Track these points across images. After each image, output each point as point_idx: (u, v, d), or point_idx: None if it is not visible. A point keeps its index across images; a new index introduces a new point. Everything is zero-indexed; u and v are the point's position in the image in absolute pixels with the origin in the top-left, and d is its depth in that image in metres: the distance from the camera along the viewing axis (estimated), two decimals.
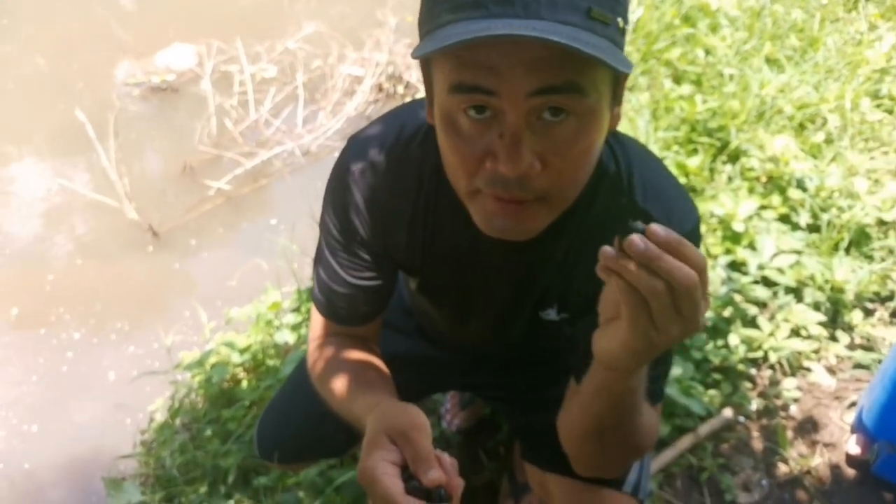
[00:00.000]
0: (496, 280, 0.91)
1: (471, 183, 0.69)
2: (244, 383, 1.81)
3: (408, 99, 3.06)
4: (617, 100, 0.70)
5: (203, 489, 1.63)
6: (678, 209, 0.83)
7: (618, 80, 0.68)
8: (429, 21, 0.64)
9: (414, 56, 0.62)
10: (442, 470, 0.66)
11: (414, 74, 3.18)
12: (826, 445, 1.62)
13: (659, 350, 0.62)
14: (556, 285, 0.89)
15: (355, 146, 0.87)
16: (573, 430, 0.86)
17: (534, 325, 0.96)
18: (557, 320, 0.93)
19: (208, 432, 1.73)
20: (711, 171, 2.18)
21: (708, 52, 2.63)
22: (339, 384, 0.92)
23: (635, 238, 0.54)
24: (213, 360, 1.84)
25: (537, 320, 0.94)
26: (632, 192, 0.81)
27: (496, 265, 0.88)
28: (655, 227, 0.54)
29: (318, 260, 0.96)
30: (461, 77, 0.62)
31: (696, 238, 0.85)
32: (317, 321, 1.01)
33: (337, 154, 0.91)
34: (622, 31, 0.64)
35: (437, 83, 0.67)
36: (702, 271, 0.56)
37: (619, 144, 0.83)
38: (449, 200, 0.80)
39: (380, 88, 3.17)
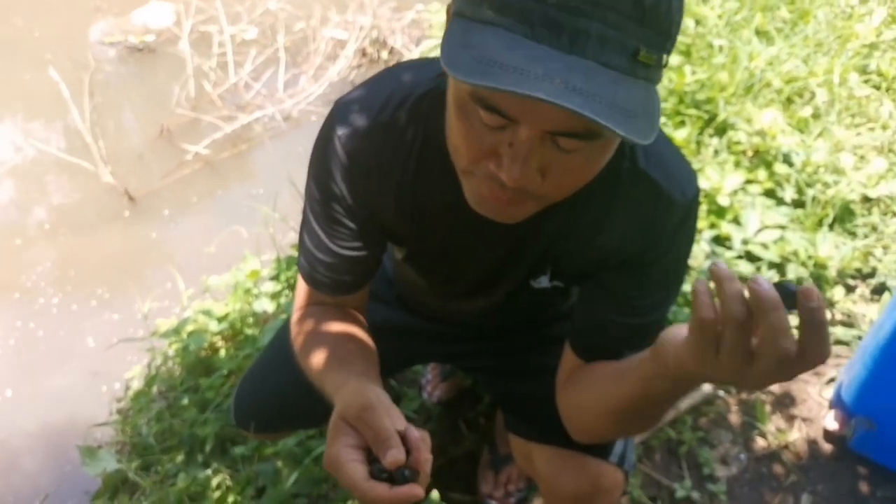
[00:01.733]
0: (487, 248, 0.89)
1: (469, 166, 0.67)
2: (222, 352, 1.78)
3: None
4: None
5: (180, 458, 1.61)
6: (679, 175, 0.82)
7: None
8: (469, 4, 0.59)
9: (444, 65, 0.57)
10: (409, 446, 0.65)
11: (399, 40, 3.11)
12: (804, 420, 1.63)
13: (713, 381, 0.63)
14: (550, 253, 0.87)
15: (341, 110, 0.84)
16: (593, 405, 0.87)
17: (522, 291, 0.94)
18: (549, 287, 0.92)
19: (185, 401, 1.71)
20: (698, 143, 2.16)
21: (698, 22, 2.59)
22: (317, 358, 0.90)
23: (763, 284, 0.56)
24: (190, 328, 1.81)
25: (526, 287, 0.93)
26: (633, 155, 0.79)
27: (488, 234, 0.85)
28: (809, 292, 0.55)
29: (304, 227, 0.93)
30: (484, 95, 0.59)
31: (695, 206, 0.84)
32: (301, 290, 0.98)
33: (319, 119, 0.88)
34: (664, 65, 0.61)
35: None
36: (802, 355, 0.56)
37: None
38: (440, 168, 0.78)
39: (363, 53, 3.10)
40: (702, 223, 1.91)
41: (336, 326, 0.95)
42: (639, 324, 0.88)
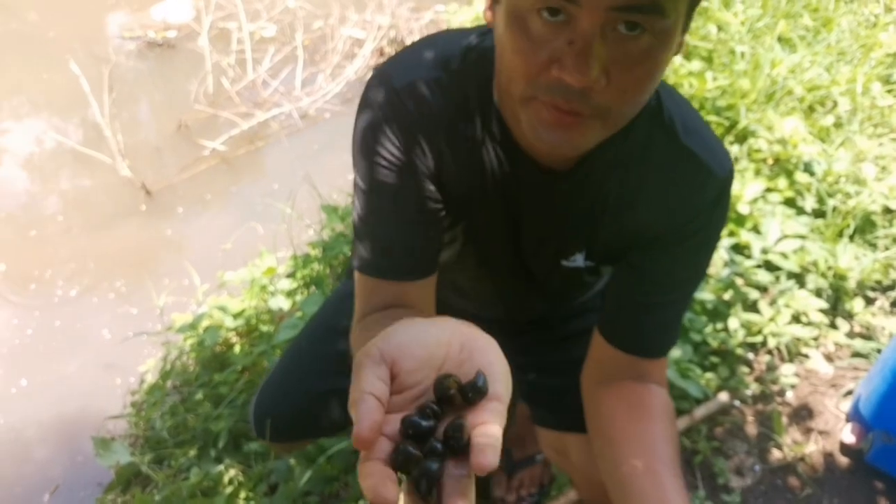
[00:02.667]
0: (532, 214, 0.86)
1: (528, 88, 0.65)
2: (237, 348, 1.78)
3: None
4: (687, 25, 0.67)
5: (193, 452, 1.61)
6: (718, 149, 0.82)
7: (693, 5, 0.65)
8: None
9: None
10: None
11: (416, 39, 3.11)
12: (821, 433, 1.62)
13: None
14: (586, 228, 0.86)
15: (393, 69, 0.80)
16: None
17: (554, 272, 0.93)
18: (582, 267, 0.91)
19: (199, 395, 1.71)
20: None
21: (720, 28, 2.57)
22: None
23: None
24: (205, 323, 1.81)
25: (558, 267, 0.91)
26: (673, 126, 0.79)
27: (535, 198, 0.83)
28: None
29: (362, 212, 0.85)
30: None
31: (731, 183, 0.83)
32: (362, 296, 0.88)
33: (335, 117, 0.86)
34: None
35: None
36: None
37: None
38: (496, 125, 0.78)
39: (381, 52, 3.10)
40: None
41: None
42: (666, 301, 0.88)
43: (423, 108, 0.78)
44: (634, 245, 0.85)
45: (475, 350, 0.51)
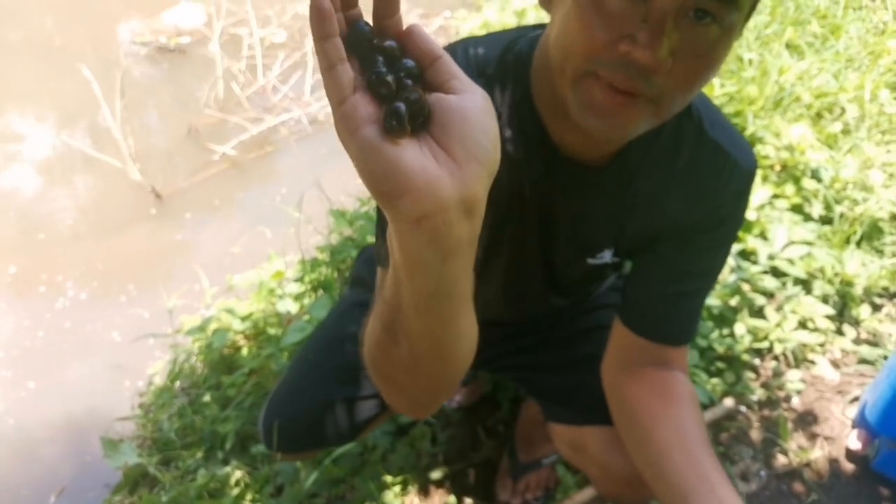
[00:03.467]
0: (567, 214, 0.87)
1: (588, 63, 0.64)
2: (245, 351, 1.80)
3: None
4: (744, 25, 0.68)
5: (200, 454, 1.62)
6: (742, 144, 0.84)
7: (755, 4, 0.66)
8: None
9: None
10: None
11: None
12: (826, 439, 1.61)
13: None
14: (613, 222, 0.88)
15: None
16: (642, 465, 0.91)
17: (578, 270, 0.95)
18: (609, 263, 0.92)
19: (207, 398, 1.72)
20: None
21: None
22: None
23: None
24: (213, 325, 1.83)
25: (583, 265, 0.93)
26: (700, 120, 0.81)
27: (569, 196, 0.84)
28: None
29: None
30: None
31: (754, 175, 0.85)
32: None
33: None
34: None
35: None
36: None
37: None
38: (532, 133, 0.79)
39: None
40: None
41: None
42: (690, 290, 0.91)
43: None
44: (661, 236, 0.87)
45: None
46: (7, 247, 2.41)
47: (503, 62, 0.79)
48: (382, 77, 0.46)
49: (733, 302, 1.76)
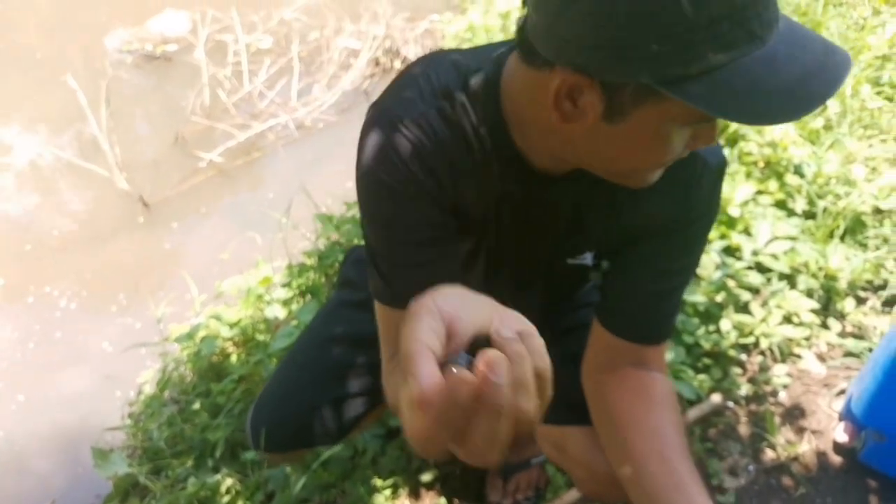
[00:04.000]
0: (546, 224, 0.90)
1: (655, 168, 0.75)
2: (233, 357, 1.80)
3: None
4: None
5: (190, 462, 1.62)
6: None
7: None
8: (684, 58, 0.58)
9: (738, 120, 0.62)
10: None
11: (412, 49, 3.13)
12: (814, 432, 1.63)
13: None
14: (597, 228, 0.90)
15: (392, 103, 0.81)
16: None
17: (561, 272, 0.96)
18: (589, 265, 0.94)
19: (196, 405, 1.72)
20: None
21: None
22: None
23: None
24: (202, 333, 1.83)
25: (563, 266, 0.95)
26: None
27: (548, 209, 0.87)
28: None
29: (379, 250, 0.85)
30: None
31: (724, 170, 0.89)
32: (388, 332, 0.88)
33: (330, 128, 0.87)
34: None
35: (662, 110, 0.64)
36: None
37: None
38: (504, 151, 0.80)
39: (376, 63, 3.12)
40: (712, 233, 1.91)
41: None
42: (667, 289, 0.93)
43: (428, 140, 0.79)
44: (639, 237, 0.89)
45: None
46: None
47: (468, 85, 0.80)
48: None
49: (719, 298, 1.77)
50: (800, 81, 0.60)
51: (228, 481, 1.53)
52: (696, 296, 1.75)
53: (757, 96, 0.59)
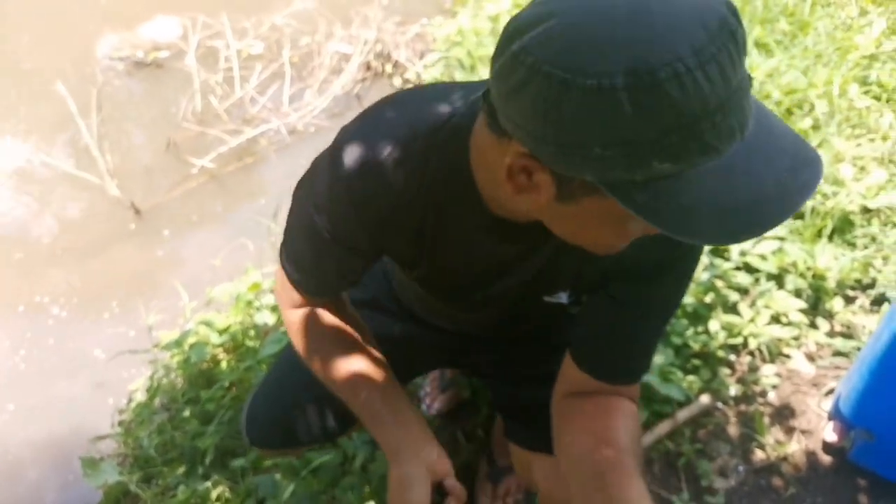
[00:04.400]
0: (509, 274, 0.89)
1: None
2: (223, 364, 1.80)
3: (396, 79, 3.03)
4: None
5: (181, 470, 1.62)
6: None
7: None
8: (629, 164, 0.55)
9: (700, 238, 0.58)
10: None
11: (403, 53, 3.13)
12: (803, 432, 1.63)
13: None
14: (571, 270, 0.87)
15: (356, 140, 0.79)
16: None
17: (536, 307, 0.94)
18: (566, 303, 0.92)
19: (186, 413, 1.73)
20: None
21: None
22: (340, 379, 0.94)
23: None
24: (191, 340, 1.83)
25: (541, 304, 0.93)
26: None
27: (511, 261, 0.86)
28: None
29: (292, 242, 0.93)
30: None
31: None
32: (288, 290, 0.98)
33: (321, 133, 0.89)
34: None
35: (610, 203, 0.59)
36: None
37: None
38: (465, 194, 0.78)
39: (368, 67, 3.12)
40: None
41: (344, 339, 0.98)
42: (645, 328, 0.90)
43: (374, 195, 0.79)
44: (618, 278, 0.85)
45: None
46: None
47: (435, 136, 0.77)
48: None
49: (707, 299, 1.78)
50: (754, 203, 0.55)
51: (218, 489, 1.53)
52: (684, 297, 1.76)
53: (700, 214, 0.55)
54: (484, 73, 2.76)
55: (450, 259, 0.87)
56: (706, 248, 1.87)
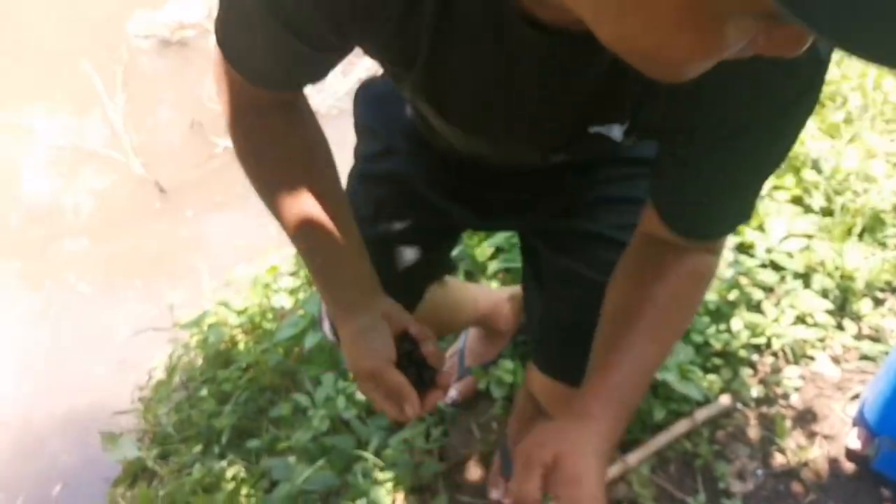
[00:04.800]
0: (562, 90, 0.69)
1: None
2: (241, 345, 1.81)
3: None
4: None
5: (197, 448, 1.64)
6: None
7: None
8: None
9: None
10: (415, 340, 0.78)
11: None
12: (825, 437, 1.60)
13: None
14: (626, 100, 0.68)
15: None
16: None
17: (576, 138, 0.75)
18: (619, 140, 0.73)
19: (204, 392, 1.74)
20: None
21: None
22: (287, 218, 0.86)
23: None
24: (210, 320, 1.84)
25: (583, 134, 0.74)
26: None
27: (569, 73, 0.67)
28: None
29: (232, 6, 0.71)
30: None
31: (824, 71, 0.67)
32: (231, 76, 0.79)
33: (344, 115, 0.83)
34: None
35: None
36: None
37: None
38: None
39: None
40: None
41: (295, 163, 0.85)
42: (746, 181, 0.75)
43: None
44: (698, 127, 0.68)
45: None
46: (11, 242, 2.44)
47: None
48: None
49: (731, 296, 1.74)
50: None
51: (233, 468, 1.54)
52: (707, 294, 1.72)
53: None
54: None
55: (457, 60, 0.67)
56: (730, 244, 1.83)
